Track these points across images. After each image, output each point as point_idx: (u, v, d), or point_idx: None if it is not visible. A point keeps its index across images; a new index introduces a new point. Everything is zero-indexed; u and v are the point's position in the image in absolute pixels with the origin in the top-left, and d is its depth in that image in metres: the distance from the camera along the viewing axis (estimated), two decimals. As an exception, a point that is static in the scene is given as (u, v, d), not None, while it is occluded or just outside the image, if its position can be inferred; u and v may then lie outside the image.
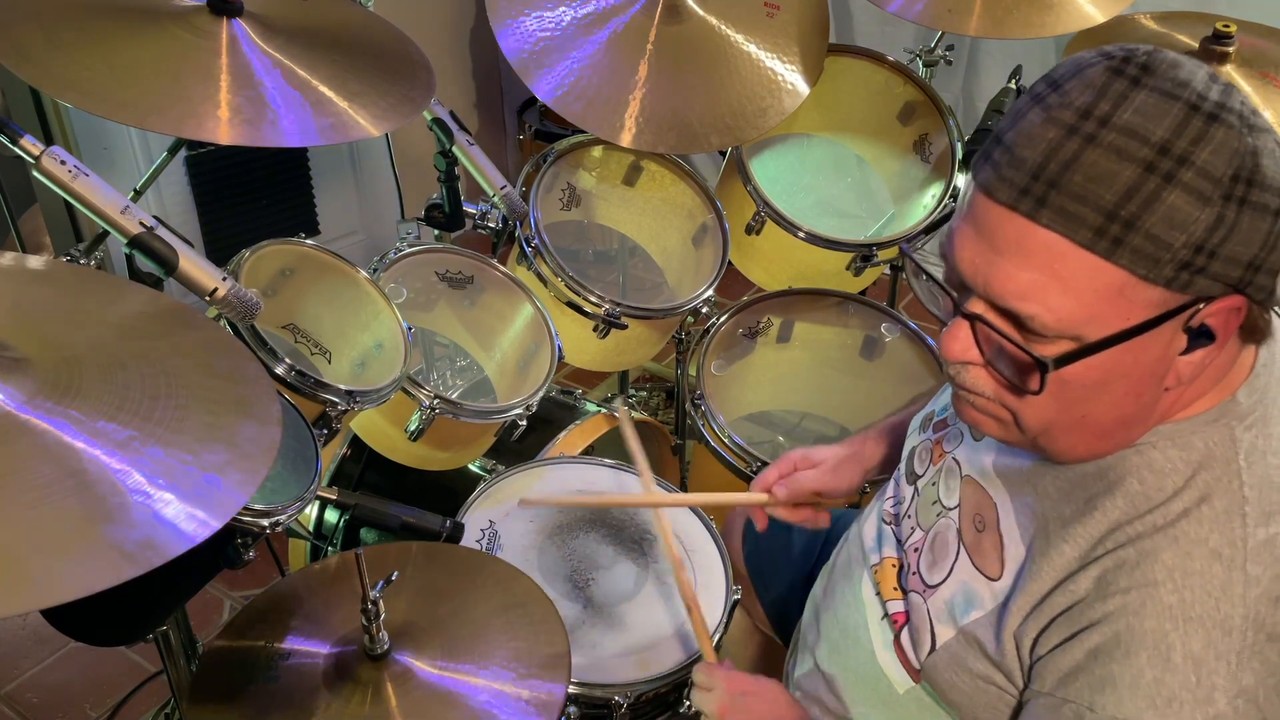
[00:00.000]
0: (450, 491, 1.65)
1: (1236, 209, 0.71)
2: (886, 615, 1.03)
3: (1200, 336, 0.77)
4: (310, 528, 1.72)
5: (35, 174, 1.07)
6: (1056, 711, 0.82)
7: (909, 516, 1.05)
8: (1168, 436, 0.84)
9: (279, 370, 1.27)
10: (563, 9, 1.83)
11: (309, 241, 1.46)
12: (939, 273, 0.86)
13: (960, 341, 0.82)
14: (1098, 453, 0.85)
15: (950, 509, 0.98)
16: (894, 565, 1.05)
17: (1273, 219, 0.73)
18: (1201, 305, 0.75)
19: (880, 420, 1.31)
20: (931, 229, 1.90)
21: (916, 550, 1.01)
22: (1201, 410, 0.84)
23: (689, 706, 1.33)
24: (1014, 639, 0.87)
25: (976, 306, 0.80)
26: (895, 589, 1.03)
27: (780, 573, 1.40)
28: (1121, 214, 0.72)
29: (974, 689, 0.91)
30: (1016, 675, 0.88)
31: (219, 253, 1.68)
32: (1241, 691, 0.77)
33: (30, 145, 1.06)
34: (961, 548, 0.95)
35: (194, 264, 1.13)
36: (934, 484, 1.03)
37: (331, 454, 1.73)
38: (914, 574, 1.00)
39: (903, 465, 1.11)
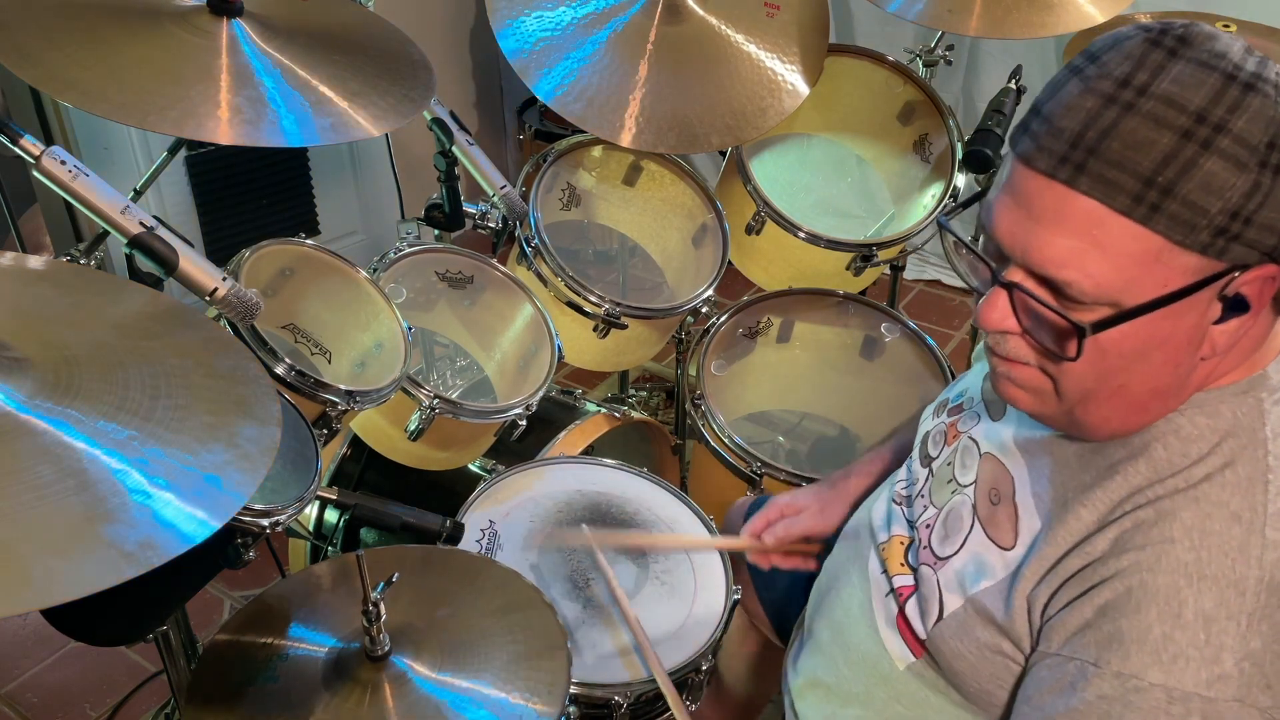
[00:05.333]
0: (450, 491, 1.65)
1: (1272, 176, 0.73)
2: (892, 590, 1.03)
3: (1235, 306, 0.78)
4: (310, 528, 1.72)
5: (35, 174, 1.07)
6: (1061, 670, 0.83)
7: (922, 496, 1.06)
8: (1196, 405, 0.84)
9: (279, 370, 1.27)
10: (563, 9, 1.83)
11: (309, 241, 1.46)
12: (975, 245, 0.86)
13: (998, 310, 0.83)
14: (1132, 427, 0.86)
15: (966, 486, 0.99)
16: (902, 543, 1.06)
17: None
18: (1237, 273, 0.76)
19: (864, 454, 1.33)
20: (967, 205, 1.90)
21: (928, 527, 1.02)
22: (1232, 382, 0.85)
23: (689, 706, 1.33)
24: (1026, 602, 0.88)
25: (1014, 275, 0.81)
26: (902, 564, 1.04)
27: (781, 573, 1.40)
28: (1159, 180, 0.73)
29: (979, 658, 0.92)
30: (1024, 641, 0.88)
31: (219, 253, 1.68)
32: (1249, 655, 0.77)
33: (30, 145, 1.06)
34: (976, 521, 0.96)
35: (194, 264, 1.13)
36: (949, 464, 1.04)
37: (331, 454, 1.73)
38: (925, 548, 1.01)
39: (916, 450, 1.13)
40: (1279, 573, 0.79)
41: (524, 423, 1.62)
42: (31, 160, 1.06)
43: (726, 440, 1.71)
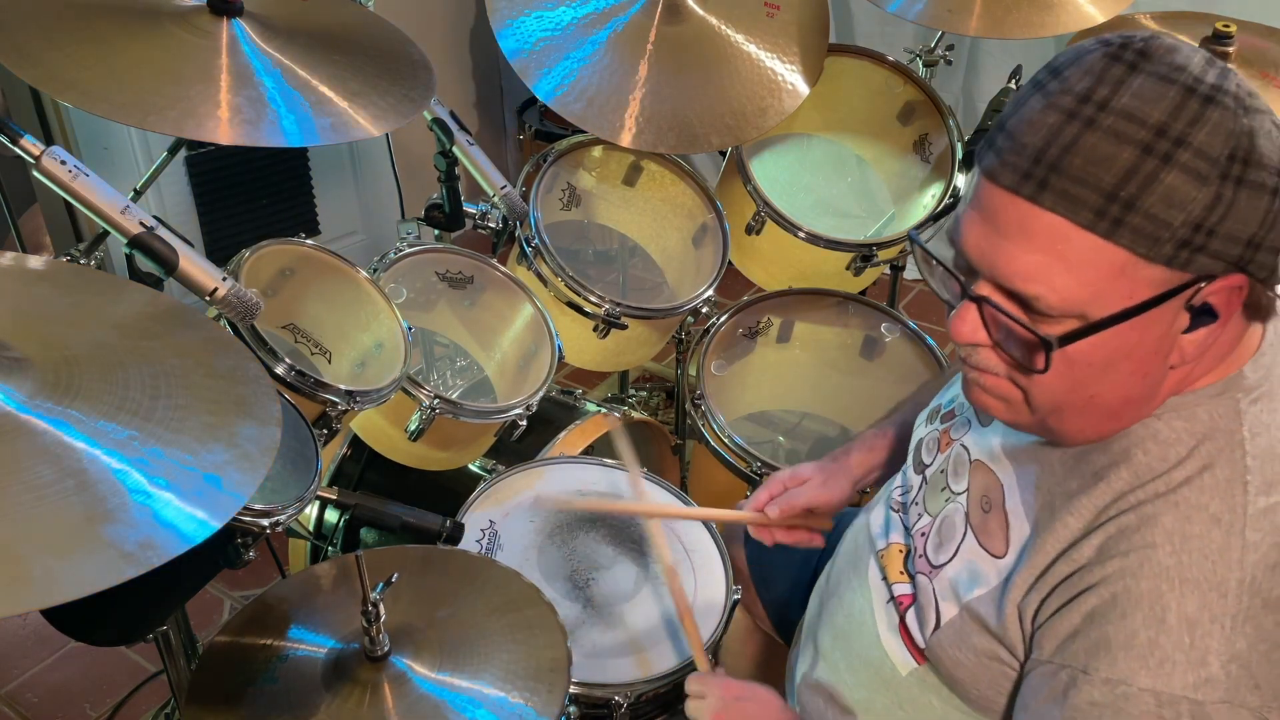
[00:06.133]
0: (450, 491, 1.64)
1: (1234, 188, 0.73)
2: (892, 598, 1.03)
3: (1203, 315, 0.79)
4: (310, 528, 1.72)
5: (35, 174, 1.07)
6: (1053, 678, 0.83)
7: (916, 504, 1.06)
8: (1173, 409, 0.85)
9: (279, 370, 1.27)
10: (563, 9, 1.83)
11: (309, 241, 1.46)
12: (946, 259, 0.87)
13: (968, 324, 0.84)
14: (1105, 434, 0.86)
15: (959, 494, 1.00)
16: (900, 550, 1.06)
17: (1270, 197, 0.74)
18: (1203, 284, 0.76)
19: (866, 430, 1.32)
20: (938, 218, 1.91)
21: (924, 535, 1.02)
22: (1208, 384, 0.85)
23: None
24: (1017, 610, 0.88)
25: (983, 289, 0.82)
26: (901, 572, 1.04)
27: (782, 572, 1.40)
28: (1121, 195, 0.73)
29: (977, 665, 0.92)
30: (1018, 648, 0.89)
31: (219, 253, 1.68)
32: (1234, 656, 0.77)
33: (30, 145, 1.06)
34: (968, 529, 0.96)
35: (194, 264, 1.13)
36: (943, 471, 1.04)
37: (331, 454, 1.73)
38: (920, 557, 1.01)
39: (910, 457, 1.13)
40: (1260, 574, 0.79)
41: (524, 423, 1.62)
42: (31, 160, 1.06)
43: (726, 440, 1.71)
